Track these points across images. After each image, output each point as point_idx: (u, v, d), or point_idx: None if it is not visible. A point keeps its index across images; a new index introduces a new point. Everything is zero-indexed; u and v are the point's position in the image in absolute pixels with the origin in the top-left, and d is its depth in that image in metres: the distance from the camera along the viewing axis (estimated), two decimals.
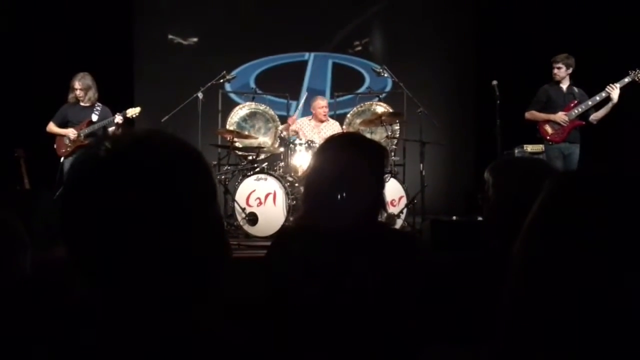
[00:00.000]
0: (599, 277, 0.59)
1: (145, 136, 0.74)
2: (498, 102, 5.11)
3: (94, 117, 5.20)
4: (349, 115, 6.38)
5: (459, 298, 1.31)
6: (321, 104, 5.97)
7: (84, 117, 5.21)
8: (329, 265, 1.37)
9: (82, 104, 5.24)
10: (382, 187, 1.51)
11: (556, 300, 0.61)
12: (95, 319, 0.75)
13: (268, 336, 1.25)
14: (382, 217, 4.57)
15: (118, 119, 5.13)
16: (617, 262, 0.59)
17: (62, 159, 5.17)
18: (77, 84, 5.17)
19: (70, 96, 5.24)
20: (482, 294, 0.99)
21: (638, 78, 4.94)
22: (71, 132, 5.13)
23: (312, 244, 1.40)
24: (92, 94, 5.23)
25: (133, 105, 6.18)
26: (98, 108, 5.24)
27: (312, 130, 5.94)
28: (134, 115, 5.21)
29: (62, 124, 5.21)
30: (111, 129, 5.20)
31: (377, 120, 5.55)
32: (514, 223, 0.88)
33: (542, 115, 5.15)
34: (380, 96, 6.41)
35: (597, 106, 5.05)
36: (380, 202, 1.51)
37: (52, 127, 5.20)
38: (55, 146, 5.23)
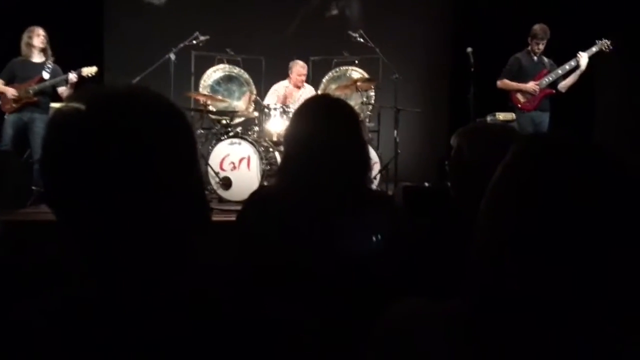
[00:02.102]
0: (559, 235, 0.62)
1: (126, 92, 0.72)
2: (472, 69, 5.14)
3: (45, 75, 4.94)
4: (324, 81, 6.35)
5: (433, 259, 1.35)
6: (301, 71, 5.85)
7: (33, 73, 4.94)
8: (306, 225, 1.39)
9: (32, 58, 4.97)
10: (362, 150, 1.50)
11: (521, 257, 0.63)
12: (80, 281, 0.75)
13: (245, 295, 1.27)
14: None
15: (72, 76, 4.90)
16: (576, 221, 0.61)
17: (6, 115, 4.91)
18: (41, 31, 4.94)
19: (25, 45, 4.94)
20: (453, 256, 1.02)
21: (605, 47, 5.09)
22: (10, 92, 4.84)
23: (289, 205, 1.41)
24: (49, 49, 5.01)
25: (103, 66, 6.04)
26: (49, 66, 4.98)
27: (291, 96, 5.88)
28: (89, 75, 4.98)
29: (10, 81, 4.93)
30: (62, 88, 4.99)
31: (353, 86, 5.54)
32: (482, 188, 0.91)
33: (514, 85, 5.23)
34: (356, 61, 6.37)
35: (566, 75, 5.15)
36: (362, 165, 1.50)
37: None
38: None
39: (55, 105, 5.23)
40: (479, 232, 0.69)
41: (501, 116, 6.30)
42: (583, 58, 5.04)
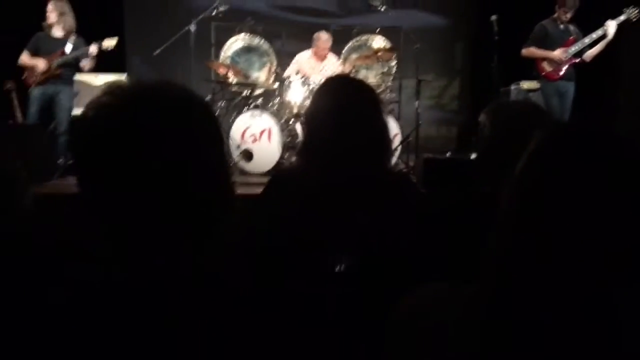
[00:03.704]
0: (580, 228, 0.63)
1: (155, 86, 0.76)
2: (496, 37, 5.03)
3: (68, 48, 4.96)
4: (345, 50, 6.26)
5: (452, 238, 1.36)
6: (325, 44, 5.77)
7: (56, 47, 4.97)
8: (326, 205, 1.41)
9: (54, 32, 4.99)
10: (383, 129, 1.52)
11: (544, 248, 0.64)
12: (102, 257, 0.79)
13: (270, 274, 1.31)
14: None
15: (92, 49, 4.91)
16: (598, 213, 0.62)
17: (31, 88, 4.97)
18: (49, 6, 4.94)
19: (44, 23, 4.99)
20: (473, 235, 1.03)
21: (633, 16, 4.93)
22: (41, 63, 4.89)
23: (310, 184, 1.43)
24: (67, 21, 4.99)
25: (124, 38, 6.04)
26: (72, 39, 5.00)
27: (313, 68, 5.83)
28: (109, 48, 4.99)
29: (35, 54, 4.97)
30: (85, 61, 5.00)
31: (374, 56, 5.47)
32: (504, 167, 0.91)
33: (540, 52, 5.09)
34: (377, 30, 6.27)
35: (592, 43, 5.02)
36: (383, 145, 1.52)
37: (24, 58, 4.98)
38: (24, 75, 5.01)
39: (79, 77, 5.30)
40: (501, 218, 0.70)
41: (526, 85, 6.18)
42: (611, 27, 4.87)
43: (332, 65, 5.91)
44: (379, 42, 6.14)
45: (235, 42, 6.10)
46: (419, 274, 1.30)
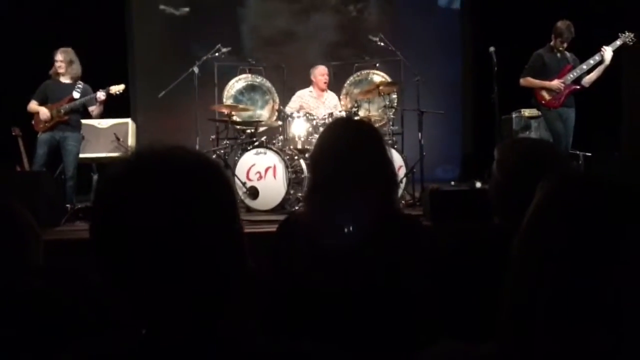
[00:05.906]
0: (592, 278, 0.63)
1: (170, 151, 0.77)
2: (495, 68, 5.09)
3: (76, 95, 5.04)
4: (346, 85, 6.35)
5: (465, 284, 1.36)
6: (322, 71, 5.87)
7: (64, 94, 5.05)
8: (336, 250, 1.41)
9: (62, 79, 5.08)
10: (388, 167, 1.52)
11: (557, 301, 0.64)
12: (114, 319, 0.79)
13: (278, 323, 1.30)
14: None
15: (100, 95, 4.98)
16: (608, 263, 0.62)
17: (39, 134, 5.02)
18: (58, 56, 5.04)
19: (52, 70, 5.10)
20: (488, 278, 1.03)
21: (628, 41, 5.01)
22: (49, 110, 4.97)
23: (319, 231, 1.43)
24: (75, 68, 5.09)
25: (128, 81, 6.15)
26: (80, 86, 5.09)
27: (316, 101, 5.89)
28: (117, 92, 5.07)
29: (43, 101, 5.06)
30: (92, 107, 5.08)
31: (375, 90, 5.54)
32: (515, 203, 0.92)
33: (538, 83, 5.12)
34: (377, 64, 6.36)
35: (590, 69, 5.06)
36: (389, 183, 1.53)
37: (32, 105, 5.06)
38: (33, 122, 5.09)
39: (84, 122, 5.37)
40: (513, 271, 0.70)
41: (527, 112, 6.23)
42: (607, 52, 4.93)
43: (333, 99, 5.97)
44: (379, 75, 6.23)
45: (238, 82, 6.20)
46: (430, 317, 1.29)
